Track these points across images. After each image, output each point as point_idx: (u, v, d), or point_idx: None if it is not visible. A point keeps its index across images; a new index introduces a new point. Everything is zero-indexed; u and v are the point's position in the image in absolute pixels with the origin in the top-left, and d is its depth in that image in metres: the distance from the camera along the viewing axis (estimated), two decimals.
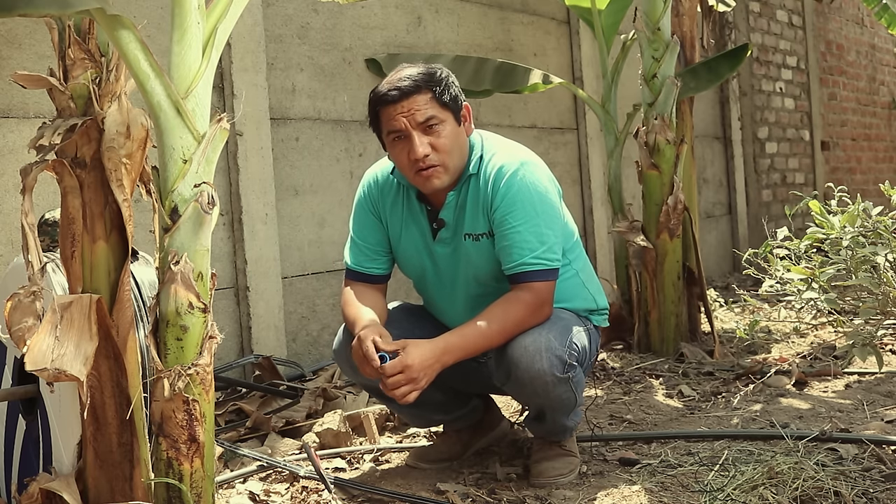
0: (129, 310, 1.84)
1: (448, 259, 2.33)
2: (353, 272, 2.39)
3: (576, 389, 2.25)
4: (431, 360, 2.09)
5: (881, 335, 2.75)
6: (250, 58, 3.53)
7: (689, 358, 3.86)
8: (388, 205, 2.37)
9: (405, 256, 2.39)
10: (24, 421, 2.17)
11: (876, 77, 9.70)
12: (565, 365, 2.18)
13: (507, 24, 4.98)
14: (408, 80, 2.18)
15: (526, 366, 2.16)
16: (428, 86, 2.19)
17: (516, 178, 2.21)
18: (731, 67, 4.28)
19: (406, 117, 2.17)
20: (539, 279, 2.20)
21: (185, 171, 1.76)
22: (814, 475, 2.19)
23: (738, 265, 6.27)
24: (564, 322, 2.26)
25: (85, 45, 1.80)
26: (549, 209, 2.24)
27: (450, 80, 2.25)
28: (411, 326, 2.38)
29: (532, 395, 2.24)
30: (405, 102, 2.17)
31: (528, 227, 2.20)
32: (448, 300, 2.39)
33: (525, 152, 2.32)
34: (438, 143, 2.19)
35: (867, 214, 2.64)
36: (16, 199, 2.79)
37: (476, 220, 2.26)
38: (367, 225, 2.39)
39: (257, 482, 2.41)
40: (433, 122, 2.18)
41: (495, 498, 2.23)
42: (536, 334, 2.18)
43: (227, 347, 3.47)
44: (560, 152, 5.32)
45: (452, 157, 2.22)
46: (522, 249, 2.19)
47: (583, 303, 2.42)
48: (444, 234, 2.31)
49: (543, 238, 2.21)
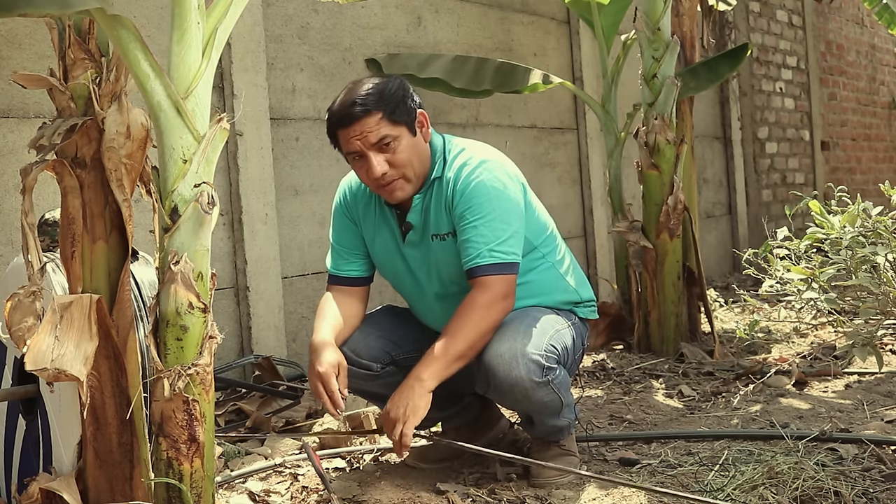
0: (129, 310, 1.84)
1: (419, 261, 2.37)
2: (333, 276, 2.45)
3: (559, 391, 2.25)
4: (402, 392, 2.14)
5: (881, 335, 2.75)
6: (250, 58, 3.53)
7: (689, 358, 3.86)
8: (360, 210, 2.42)
9: (380, 260, 2.44)
10: (24, 421, 2.17)
11: (876, 77, 9.70)
12: (543, 369, 2.19)
13: (507, 24, 4.98)
14: (356, 104, 2.20)
15: (504, 374, 2.17)
16: (377, 106, 2.20)
17: (473, 176, 2.25)
18: (730, 67, 4.29)
19: (359, 140, 2.20)
20: (494, 272, 2.22)
21: (185, 171, 1.76)
22: (814, 475, 2.19)
23: (738, 265, 6.26)
24: (541, 323, 2.27)
25: (85, 45, 1.79)
26: (505, 204, 2.26)
27: (400, 93, 2.25)
28: (393, 328, 2.43)
29: (513, 401, 2.27)
30: (356, 126, 2.20)
31: (484, 222, 2.23)
32: (423, 301, 2.44)
33: (486, 151, 2.35)
34: (395, 159, 2.22)
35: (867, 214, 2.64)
36: (16, 199, 2.79)
37: (440, 220, 2.30)
38: (343, 230, 2.45)
39: (257, 482, 2.42)
40: (387, 141, 2.21)
41: (495, 498, 2.23)
42: (511, 341, 2.19)
43: (227, 347, 3.47)
44: (560, 152, 5.32)
45: (412, 167, 2.26)
46: (478, 244, 2.22)
47: (563, 295, 2.43)
48: (413, 236, 2.35)
49: (499, 233, 2.23)
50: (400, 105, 2.23)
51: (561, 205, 5.21)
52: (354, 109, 2.19)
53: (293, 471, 2.47)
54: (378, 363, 2.37)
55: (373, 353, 2.36)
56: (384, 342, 2.39)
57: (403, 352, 2.39)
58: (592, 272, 5.35)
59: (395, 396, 2.16)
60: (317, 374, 2.18)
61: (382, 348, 2.38)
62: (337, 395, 2.16)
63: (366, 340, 2.36)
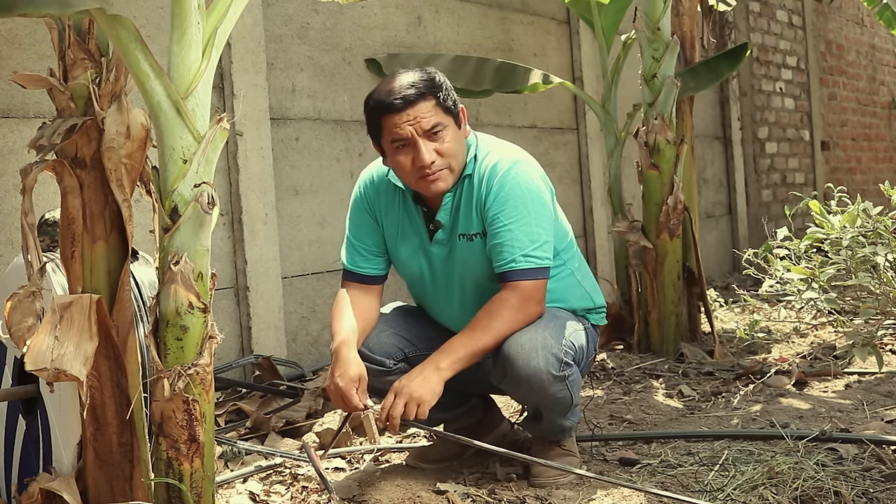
0: (129, 310, 1.84)
1: (444, 260, 2.34)
2: (349, 272, 2.40)
3: (572, 388, 2.25)
4: (420, 373, 2.14)
5: (881, 335, 2.75)
6: (250, 58, 3.53)
7: (689, 358, 3.86)
8: (383, 206, 2.38)
9: (402, 258, 2.40)
10: (24, 421, 2.17)
11: (876, 77, 9.70)
12: (561, 363, 2.19)
13: (507, 24, 4.98)
14: (411, 87, 2.17)
15: (522, 363, 2.17)
16: (431, 92, 2.18)
17: (509, 177, 2.23)
18: (730, 67, 4.29)
19: (412, 125, 2.16)
20: (527, 278, 2.21)
21: (185, 171, 1.76)
22: (814, 475, 2.19)
23: (738, 265, 6.26)
24: (561, 320, 2.27)
25: (85, 45, 1.80)
26: (540, 208, 2.25)
27: (447, 83, 2.25)
28: (408, 326, 2.41)
29: (528, 393, 2.25)
30: (411, 111, 2.16)
31: (519, 226, 2.21)
32: (444, 301, 2.41)
33: (518, 151, 2.33)
34: (443, 148, 2.19)
35: (867, 214, 2.64)
36: (16, 199, 2.79)
37: (469, 219, 2.28)
38: (362, 226, 2.40)
39: (257, 482, 2.42)
40: (438, 129, 2.18)
41: (495, 498, 2.23)
42: (533, 332, 2.19)
43: (227, 347, 3.47)
44: (560, 152, 5.32)
45: (457, 159, 2.23)
46: (513, 248, 2.21)
47: (579, 302, 2.43)
48: (441, 235, 2.32)
49: (534, 237, 2.22)
50: (450, 94, 2.23)
51: (561, 205, 5.18)
52: (410, 92, 2.16)
53: (293, 471, 2.47)
54: (391, 359, 2.35)
55: (386, 349, 2.34)
56: (398, 339, 2.37)
57: (417, 349, 2.38)
58: (592, 272, 5.34)
59: (411, 375, 2.14)
60: (336, 387, 2.17)
61: (396, 345, 2.36)
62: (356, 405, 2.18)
63: (379, 337, 2.35)
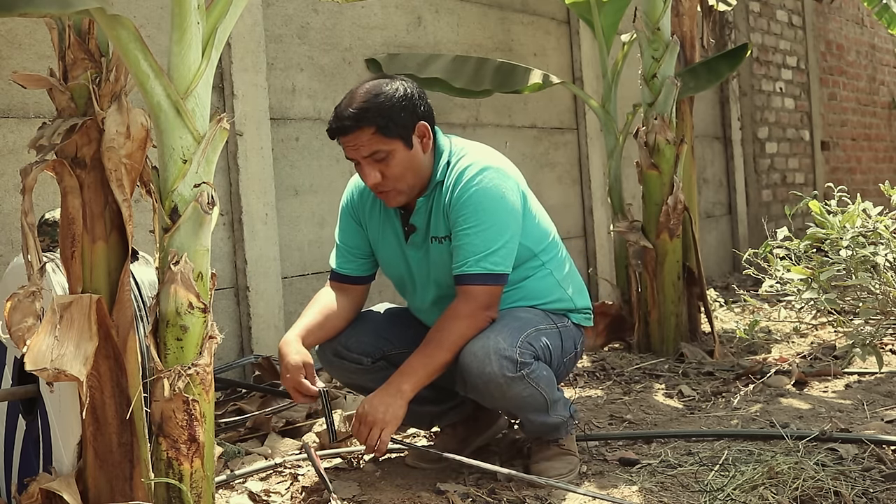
0: (129, 310, 1.84)
1: (420, 262, 2.39)
2: (333, 272, 2.50)
3: (538, 385, 2.25)
4: (382, 397, 2.18)
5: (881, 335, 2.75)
6: (250, 58, 3.53)
7: (689, 358, 3.86)
8: (367, 210, 2.45)
9: (384, 260, 2.47)
10: (24, 421, 2.17)
11: (876, 77, 9.70)
12: (517, 364, 2.19)
13: (507, 24, 4.98)
14: (348, 119, 2.20)
15: (477, 371, 2.19)
16: (370, 122, 2.19)
17: (472, 183, 2.25)
18: (730, 67, 4.29)
19: (352, 150, 2.24)
20: (479, 283, 2.23)
21: (185, 171, 1.76)
22: (814, 475, 2.19)
23: (738, 265, 6.27)
24: (520, 322, 2.28)
25: (85, 45, 1.79)
26: (501, 215, 2.25)
27: (399, 105, 2.22)
28: (389, 325, 2.47)
29: (491, 399, 2.27)
30: (349, 138, 2.22)
31: (477, 231, 2.23)
32: (421, 302, 2.46)
33: (490, 157, 2.34)
34: (388, 171, 2.24)
35: (867, 214, 2.64)
36: (16, 199, 2.79)
37: (439, 223, 2.31)
38: (348, 229, 2.48)
39: (257, 482, 2.42)
40: (380, 156, 2.22)
41: (495, 498, 2.23)
42: (484, 339, 2.21)
43: (227, 347, 3.47)
44: (560, 152, 5.32)
45: (405, 181, 2.26)
46: (467, 253, 2.23)
47: (556, 303, 2.43)
48: (416, 238, 2.37)
49: (490, 243, 2.23)
50: (395, 118, 2.21)
51: (561, 205, 5.21)
52: (345, 124, 2.21)
53: (293, 471, 2.47)
54: (369, 357, 2.41)
55: (363, 347, 2.41)
56: (376, 337, 2.43)
57: (396, 348, 2.43)
58: (592, 272, 5.35)
59: (373, 399, 2.19)
60: (286, 382, 2.28)
61: (374, 343, 2.42)
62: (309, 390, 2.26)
63: (357, 335, 2.42)
